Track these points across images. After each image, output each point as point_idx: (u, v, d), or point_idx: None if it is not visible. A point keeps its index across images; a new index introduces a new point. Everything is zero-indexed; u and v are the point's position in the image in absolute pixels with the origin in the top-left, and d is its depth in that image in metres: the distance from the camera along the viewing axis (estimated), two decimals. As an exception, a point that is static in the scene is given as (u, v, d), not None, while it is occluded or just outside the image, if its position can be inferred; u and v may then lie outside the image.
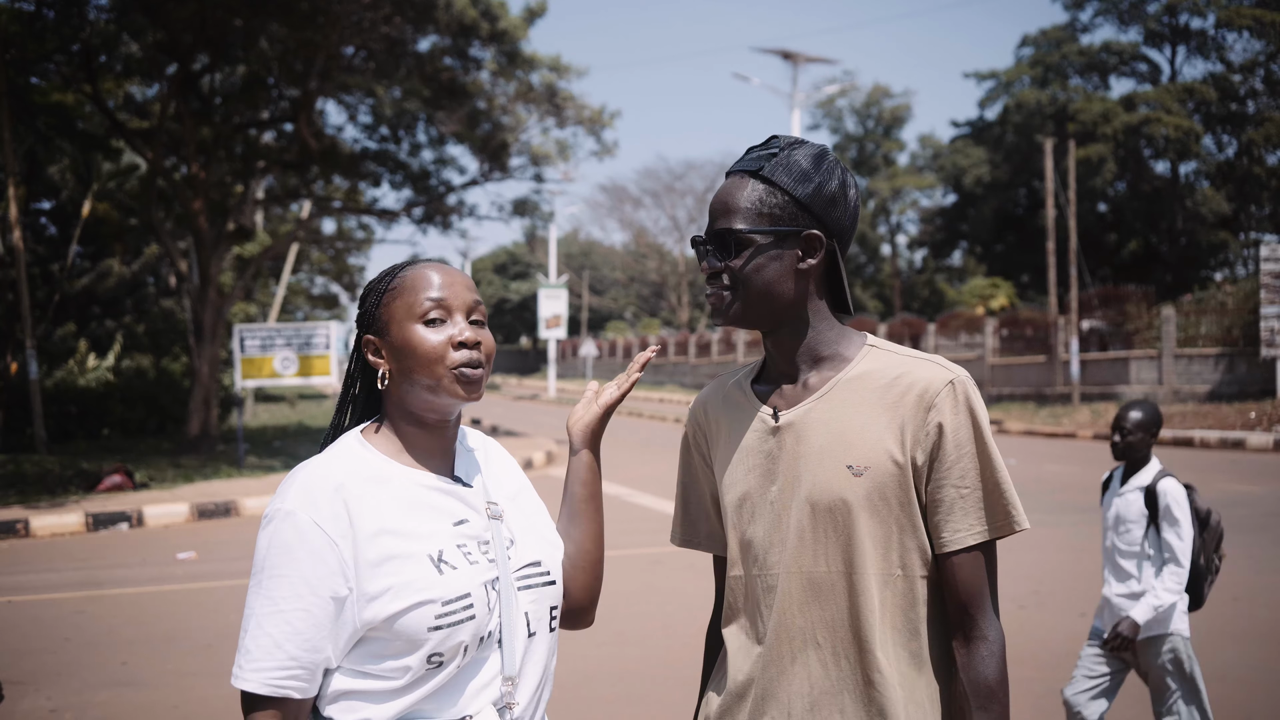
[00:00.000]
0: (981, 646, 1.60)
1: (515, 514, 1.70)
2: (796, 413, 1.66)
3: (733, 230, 1.64)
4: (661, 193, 57.66)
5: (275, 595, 1.49)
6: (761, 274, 1.64)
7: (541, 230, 35.75)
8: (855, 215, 1.69)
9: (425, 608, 1.50)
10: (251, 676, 1.49)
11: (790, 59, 27.97)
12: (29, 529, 10.73)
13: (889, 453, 1.60)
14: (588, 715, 4.99)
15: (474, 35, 19.15)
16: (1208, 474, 13.68)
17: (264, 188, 24.66)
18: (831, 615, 1.61)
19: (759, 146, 1.70)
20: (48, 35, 16.31)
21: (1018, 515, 1.61)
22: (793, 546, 1.63)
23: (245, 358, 15.57)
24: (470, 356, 1.59)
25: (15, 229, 15.92)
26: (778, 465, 1.66)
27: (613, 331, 61.22)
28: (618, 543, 9.40)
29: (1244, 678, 5.28)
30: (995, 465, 1.60)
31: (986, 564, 1.62)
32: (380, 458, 1.61)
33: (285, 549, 1.50)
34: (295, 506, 1.52)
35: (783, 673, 1.64)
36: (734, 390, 1.79)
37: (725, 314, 1.68)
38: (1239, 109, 36.97)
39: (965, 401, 1.60)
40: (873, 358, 1.67)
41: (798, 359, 1.69)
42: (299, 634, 1.49)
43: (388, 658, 1.52)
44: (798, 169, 1.64)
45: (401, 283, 1.62)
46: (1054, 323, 26.72)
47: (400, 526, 1.55)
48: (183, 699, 5.32)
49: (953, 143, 44.84)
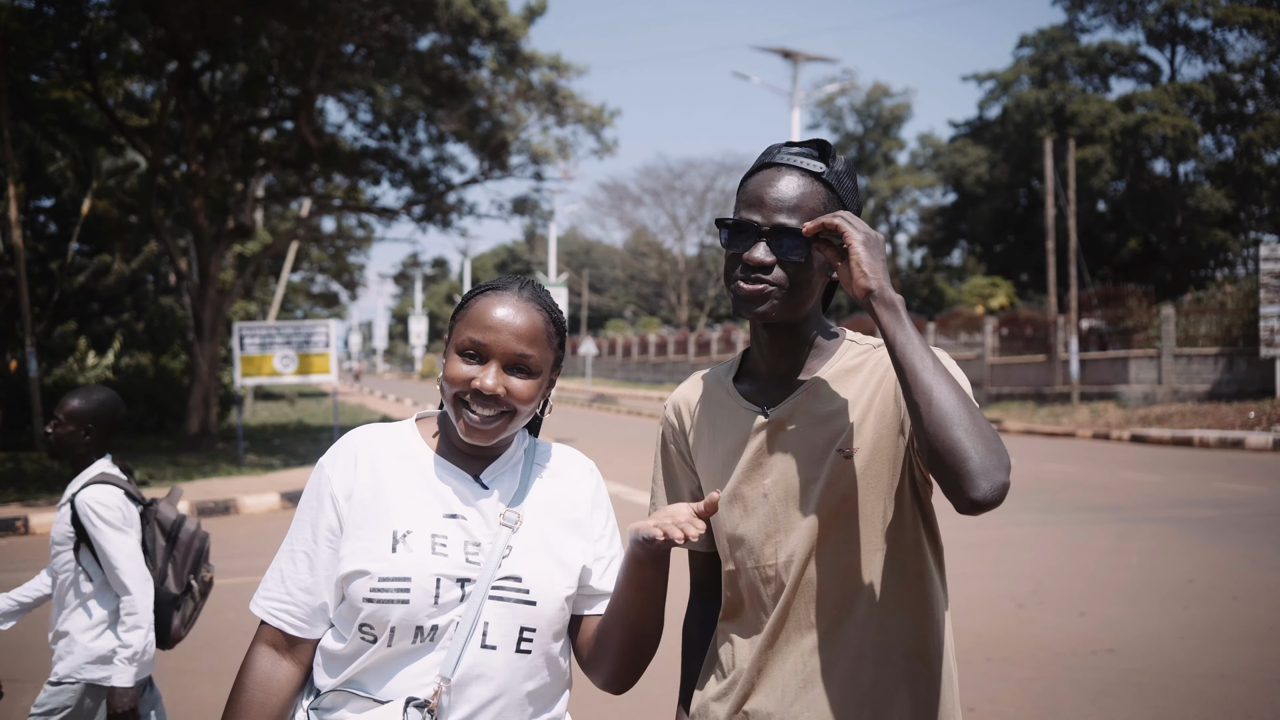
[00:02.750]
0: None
1: (538, 532, 1.67)
2: (784, 408, 1.71)
3: (799, 229, 1.64)
4: (661, 191, 57.62)
5: (293, 535, 1.69)
6: (810, 276, 1.68)
7: (541, 229, 35.73)
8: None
9: (364, 578, 1.58)
10: (260, 603, 1.68)
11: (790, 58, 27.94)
12: (28, 526, 10.73)
13: (876, 429, 1.67)
14: (586, 711, 4.99)
15: (474, 33, 19.14)
16: (1207, 473, 13.69)
17: (264, 185, 24.65)
18: (830, 598, 1.66)
19: (804, 145, 1.71)
20: (48, 32, 16.31)
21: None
22: (791, 536, 1.67)
23: (245, 356, 15.56)
24: (477, 408, 1.63)
25: (15, 227, 15.92)
26: (770, 459, 1.71)
27: (612, 330, 61.24)
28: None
29: (1244, 677, 5.29)
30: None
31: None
32: (414, 438, 1.72)
33: (308, 494, 1.69)
34: (325, 460, 1.71)
35: (777, 654, 1.69)
36: (715, 388, 1.82)
37: (764, 305, 1.65)
38: (1238, 108, 36.97)
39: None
40: (854, 352, 1.75)
41: (794, 356, 1.75)
42: (298, 573, 1.66)
43: (340, 621, 1.64)
44: (850, 179, 1.71)
45: (470, 307, 1.68)
46: (1053, 322, 26.72)
47: (388, 497, 1.64)
48: (182, 696, 5.32)
49: (952, 142, 44.84)
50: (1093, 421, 21.52)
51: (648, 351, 51.02)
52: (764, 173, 1.69)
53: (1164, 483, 12.81)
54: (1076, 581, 7.51)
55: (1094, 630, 6.18)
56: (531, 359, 1.64)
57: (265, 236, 27.82)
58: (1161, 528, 9.64)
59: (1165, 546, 8.78)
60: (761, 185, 1.67)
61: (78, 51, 17.06)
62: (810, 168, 1.68)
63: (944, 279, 50.96)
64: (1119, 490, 12.31)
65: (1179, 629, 6.17)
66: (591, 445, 19.22)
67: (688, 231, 58.06)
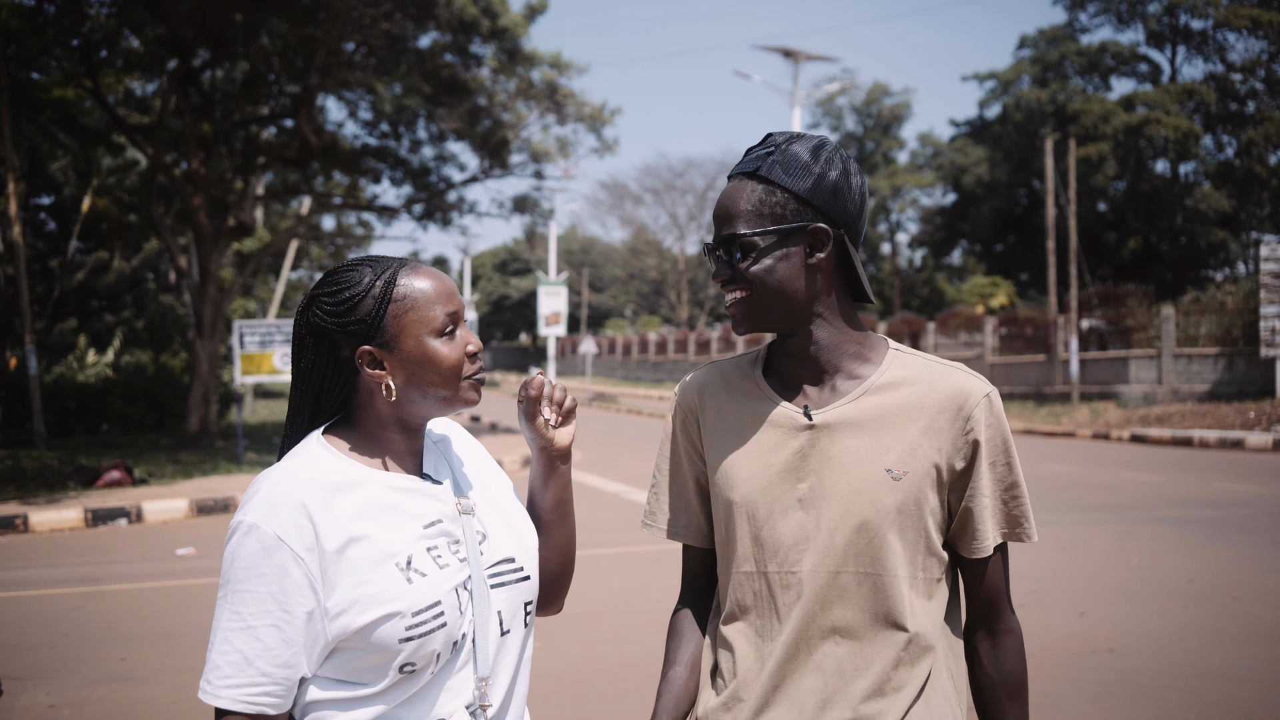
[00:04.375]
0: (1008, 639, 1.68)
1: (486, 506, 1.67)
2: (831, 414, 1.64)
3: (737, 235, 1.61)
4: (662, 190, 57.66)
5: (243, 611, 1.47)
6: (773, 276, 1.61)
7: (541, 227, 35.73)
8: (862, 203, 1.65)
9: (394, 620, 1.48)
10: (225, 693, 1.46)
11: (791, 57, 27.94)
12: (28, 524, 10.73)
13: (929, 459, 1.62)
14: (587, 712, 4.99)
15: (474, 32, 19.15)
16: (1207, 473, 13.69)
17: (264, 184, 24.66)
18: (856, 615, 1.62)
19: (757, 146, 1.66)
20: (49, 30, 16.31)
21: (1030, 525, 1.69)
22: (821, 546, 1.62)
23: (245, 354, 15.56)
24: (481, 365, 1.62)
25: (15, 224, 15.92)
26: (809, 464, 1.64)
27: (612, 329, 61.27)
28: (615, 540, 9.41)
29: (1244, 677, 5.29)
30: (1019, 475, 1.67)
31: (1005, 567, 1.69)
32: (347, 462, 1.56)
33: (250, 564, 1.47)
34: (258, 519, 1.48)
35: (796, 669, 1.63)
36: (738, 379, 1.75)
37: (745, 323, 1.65)
38: (1239, 109, 36.97)
39: (999, 415, 1.65)
40: (901, 363, 1.67)
41: (821, 358, 1.67)
42: (269, 650, 1.46)
43: (361, 668, 1.51)
44: (795, 164, 1.61)
45: (409, 293, 1.57)
46: (1053, 322, 26.73)
47: (367, 534, 1.51)
48: (181, 695, 5.32)
49: (952, 141, 44.84)
50: (1093, 421, 21.53)
51: (648, 350, 51.04)
52: (721, 190, 1.67)
53: (1164, 483, 12.81)
54: (1076, 581, 7.51)
55: (1094, 630, 6.18)
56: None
57: (264, 234, 27.81)
58: (1161, 528, 9.64)
59: (1165, 546, 8.78)
60: (715, 206, 1.66)
61: (78, 49, 17.06)
62: (744, 169, 1.63)
63: (944, 278, 50.98)
64: (1119, 490, 12.31)
65: (1179, 629, 6.17)
66: (592, 444, 19.22)
67: (688, 230, 58.12)
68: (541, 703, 5.02)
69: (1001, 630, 1.67)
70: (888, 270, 52.49)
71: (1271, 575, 7.67)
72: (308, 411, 1.63)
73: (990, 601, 1.67)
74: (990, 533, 1.64)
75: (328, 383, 1.60)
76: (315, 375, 1.60)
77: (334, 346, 1.58)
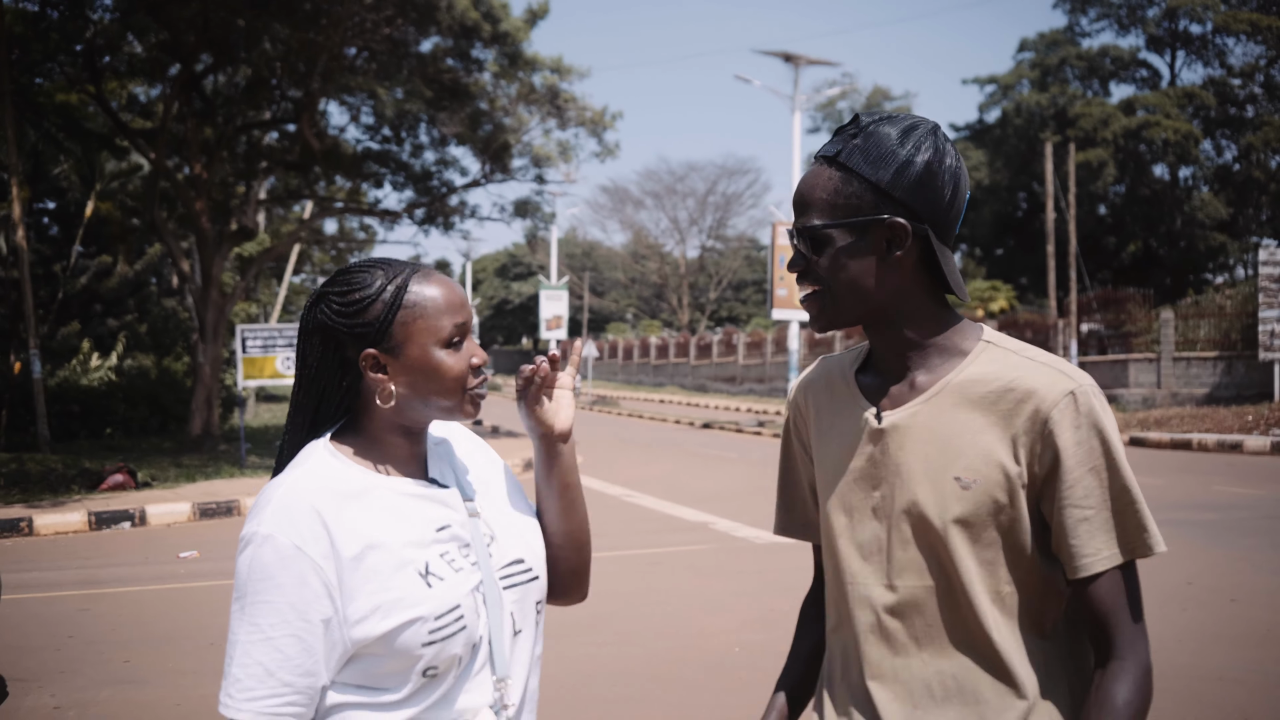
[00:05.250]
0: (1115, 666, 1.48)
1: (492, 509, 1.67)
2: (901, 415, 1.53)
3: (809, 226, 1.50)
4: (663, 194, 57.73)
5: (261, 622, 1.45)
6: (846, 271, 1.50)
7: (543, 231, 35.75)
8: (954, 193, 1.50)
9: (416, 625, 1.48)
10: (246, 706, 1.44)
11: (791, 61, 27.99)
12: (32, 527, 10.77)
13: (1001, 465, 1.47)
14: (588, 715, 5.01)
15: (476, 37, 19.19)
16: (1206, 476, 13.71)
17: (266, 188, 24.72)
18: (936, 631, 1.52)
19: (845, 127, 1.53)
20: (52, 35, 16.37)
21: (1152, 537, 1.50)
22: (896, 558, 1.53)
23: (247, 357, 15.59)
24: (484, 379, 1.61)
25: (19, 228, 15.96)
26: (881, 471, 1.54)
27: (613, 333, 61.27)
28: (619, 543, 9.42)
29: (1243, 679, 5.31)
30: (1125, 482, 1.48)
31: (1127, 586, 1.49)
32: (356, 469, 1.56)
33: (267, 574, 1.46)
34: (274, 529, 1.47)
35: (882, 687, 1.55)
36: (838, 378, 1.66)
37: (820, 319, 1.55)
38: (1238, 113, 37.02)
39: (1088, 414, 1.46)
40: (988, 356, 1.54)
41: (902, 355, 1.55)
42: (290, 660, 1.45)
43: (383, 673, 1.50)
44: (876, 151, 1.47)
45: (419, 301, 1.56)
46: (1053, 325, 26.75)
47: (383, 541, 1.50)
48: (184, 697, 5.34)
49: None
50: (1093, 425, 21.52)
51: (649, 354, 51.05)
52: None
53: (1163, 485, 12.83)
54: (1076, 584, 7.53)
55: (1093, 632, 6.20)
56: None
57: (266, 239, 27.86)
58: (1161, 530, 9.65)
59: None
60: (796, 188, 1.54)
61: (81, 54, 17.11)
62: (825, 151, 1.52)
63: (945, 282, 50.92)
64: (1119, 493, 12.32)
65: (1178, 631, 6.19)
66: (592, 448, 19.24)
67: (689, 234, 58.19)
68: (544, 705, 5.03)
69: (1112, 657, 1.48)
70: (888, 274, 52.48)
71: (1270, 578, 7.69)
72: (310, 411, 1.62)
73: (1100, 629, 1.48)
74: (1086, 550, 1.47)
75: (332, 383, 1.59)
76: (320, 374, 1.59)
77: (340, 346, 1.57)
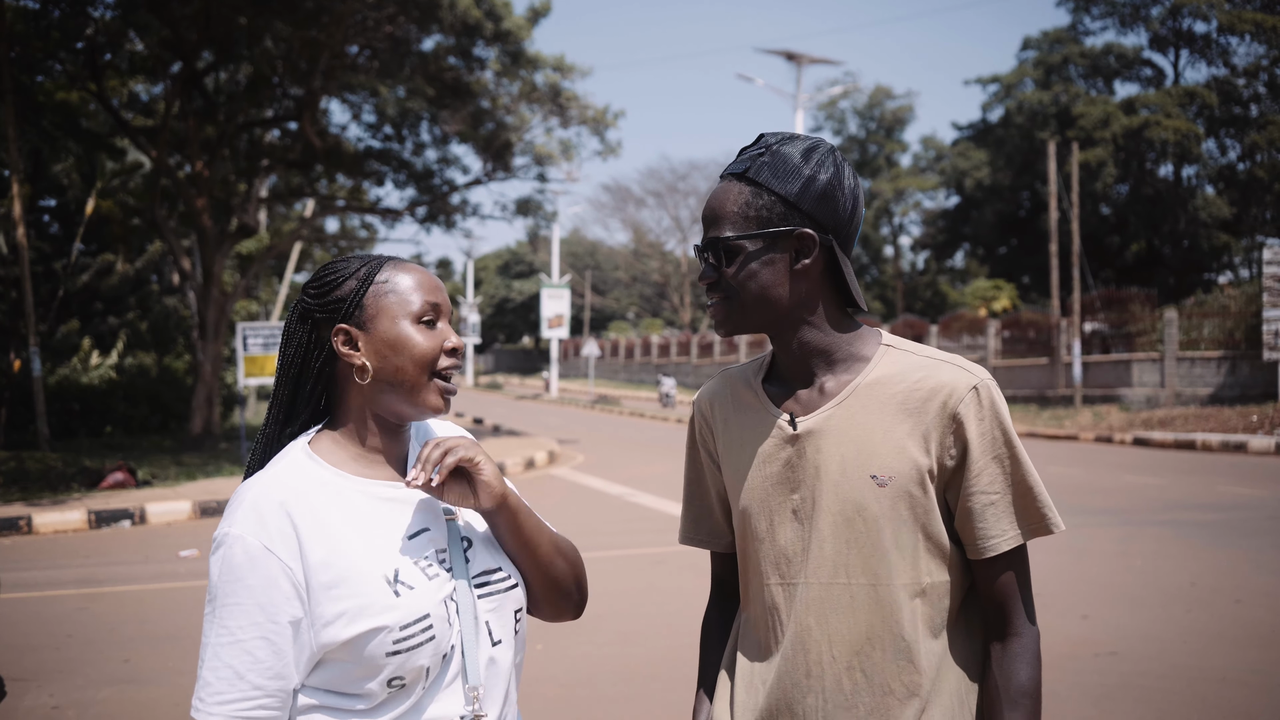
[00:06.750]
0: (1015, 644, 1.59)
1: (470, 513, 1.63)
2: (815, 420, 1.60)
3: (721, 238, 1.58)
4: (664, 193, 57.75)
5: (231, 625, 1.44)
6: (755, 280, 1.58)
7: (544, 230, 35.77)
8: (853, 208, 1.60)
9: (381, 634, 1.45)
10: (217, 710, 1.43)
11: (794, 60, 27.99)
12: (32, 526, 10.75)
13: (914, 461, 1.56)
14: (590, 715, 4.99)
15: (478, 35, 19.18)
16: (1209, 477, 13.69)
17: (268, 186, 24.70)
18: (852, 627, 1.58)
19: (749, 147, 1.63)
20: (53, 33, 16.35)
21: (1051, 516, 1.59)
22: (815, 557, 1.59)
23: (248, 356, 15.58)
24: (456, 363, 1.57)
25: (19, 226, 15.95)
26: (799, 474, 1.61)
27: (615, 331, 61.25)
28: (620, 543, 9.41)
29: (1246, 680, 5.29)
30: (1024, 468, 1.57)
31: (1023, 565, 1.60)
32: (330, 470, 1.54)
33: (236, 575, 1.45)
34: (244, 530, 1.46)
35: (796, 685, 1.60)
36: (743, 389, 1.72)
37: (725, 325, 1.63)
38: (1241, 112, 36.99)
39: (990, 406, 1.56)
40: (890, 359, 1.62)
41: (808, 362, 1.63)
42: (260, 663, 1.44)
43: (350, 680, 1.48)
44: (784, 166, 1.57)
45: (393, 277, 1.57)
46: (1056, 325, 26.73)
47: (352, 546, 1.48)
48: (184, 697, 5.32)
49: (955, 145, 44.86)
50: (1095, 424, 21.51)
51: (650, 353, 51.04)
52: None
53: (1166, 486, 12.81)
54: (1079, 584, 7.51)
55: (1096, 633, 6.19)
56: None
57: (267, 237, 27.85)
58: (1164, 531, 9.64)
59: (1167, 550, 8.78)
60: (706, 204, 1.63)
61: (82, 52, 17.11)
62: (734, 169, 1.60)
63: (946, 282, 51.00)
64: (1121, 493, 12.31)
65: (1181, 632, 6.17)
66: (594, 447, 19.24)
67: (690, 233, 58.13)
68: (545, 705, 5.03)
69: (1009, 634, 1.59)
70: (890, 273, 52.51)
71: (1274, 578, 7.66)
72: (286, 403, 1.60)
73: (999, 605, 1.59)
74: (992, 532, 1.56)
75: (307, 367, 1.58)
76: (295, 357, 1.58)
77: (315, 327, 1.57)
